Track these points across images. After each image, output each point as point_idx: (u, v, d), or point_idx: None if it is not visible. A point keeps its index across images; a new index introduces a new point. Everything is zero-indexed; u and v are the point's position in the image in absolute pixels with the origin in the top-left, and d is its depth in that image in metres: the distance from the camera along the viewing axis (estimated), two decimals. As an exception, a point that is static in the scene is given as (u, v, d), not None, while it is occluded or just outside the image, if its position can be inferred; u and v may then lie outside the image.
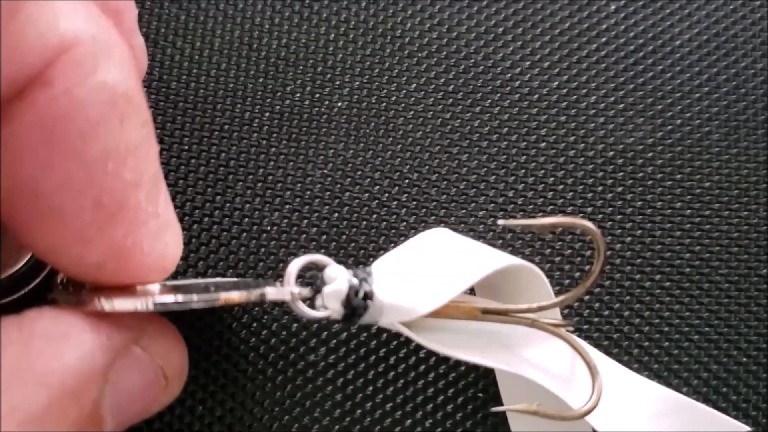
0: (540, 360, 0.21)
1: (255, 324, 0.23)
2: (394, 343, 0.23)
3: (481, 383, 0.23)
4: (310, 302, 0.20)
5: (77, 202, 0.15)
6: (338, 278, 0.19)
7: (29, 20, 0.14)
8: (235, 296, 0.18)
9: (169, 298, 0.17)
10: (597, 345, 0.24)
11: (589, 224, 0.20)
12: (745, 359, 0.24)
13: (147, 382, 0.17)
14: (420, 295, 0.19)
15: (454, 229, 0.22)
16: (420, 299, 0.19)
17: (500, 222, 0.20)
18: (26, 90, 0.15)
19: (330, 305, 0.19)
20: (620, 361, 0.23)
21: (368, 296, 0.19)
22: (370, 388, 0.23)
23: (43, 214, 0.16)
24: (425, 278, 0.20)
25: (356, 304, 0.19)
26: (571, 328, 0.21)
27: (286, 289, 0.19)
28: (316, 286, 0.19)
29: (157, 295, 0.17)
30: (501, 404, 0.23)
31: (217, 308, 0.23)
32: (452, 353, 0.20)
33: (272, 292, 0.19)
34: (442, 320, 0.20)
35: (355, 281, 0.19)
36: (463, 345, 0.20)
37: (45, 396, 0.14)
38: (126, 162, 0.16)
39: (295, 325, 0.23)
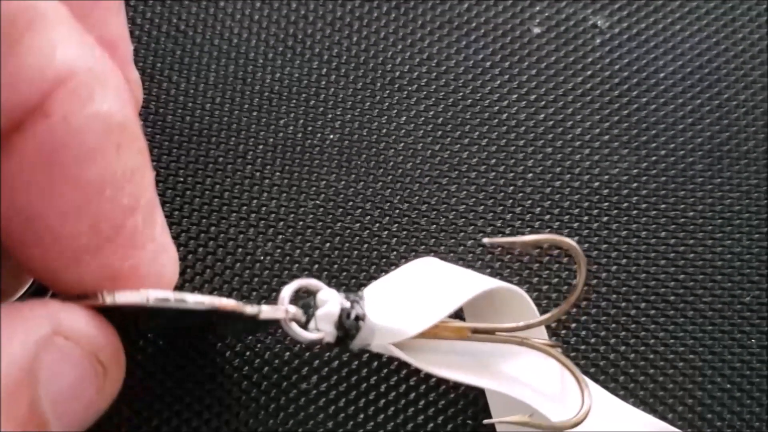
0: (529, 379, 0.22)
1: (248, 352, 0.24)
2: (385, 371, 0.24)
3: (471, 410, 0.24)
4: (304, 327, 0.20)
5: (74, 227, 0.16)
6: (330, 301, 0.20)
7: (27, 53, 0.15)
8: (230, 304, 0.18)
9: (168, 295, 0.17)
10: (583, 372, 0.24)
11: (570, 240, 0.21)
12: (729, 386, 0.24)
13: (82, 372, 0.16)
14: (411, 317, 0.20)
15: (444, 258, 0.23)
16: (411, 320, 0.20)
17: (485, 240, 0.21)
18: (25, 122, 0.15)
19: (323, 327, 0.20)
20: (606, 388, 0.24)
21: (360, 318, 0.19)
22: (362, 416, 0.23)
23: (41, 237, 0.16)
24: (415, 301, 0.20)
25: (348, 325, 0.19)
26: (559, 349, 0.22)
27: (280, 308, 0.19)
28: (308, 312, 0.20)
29: (155, 291, 0.17)
30: (493, 426, 0.23)
31: (211, 327, 0.22)
32: (443, 373, 0.20)
33: (267, 311, 0.19)
34: (434, 341, 0.21)
35: (347, 303, 0.20)
36: (454, 365, 0.21)
37: None
38: (123, 187, 0.16)
39: (288, 353, 0.24)
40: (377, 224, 0.25)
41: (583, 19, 0.28)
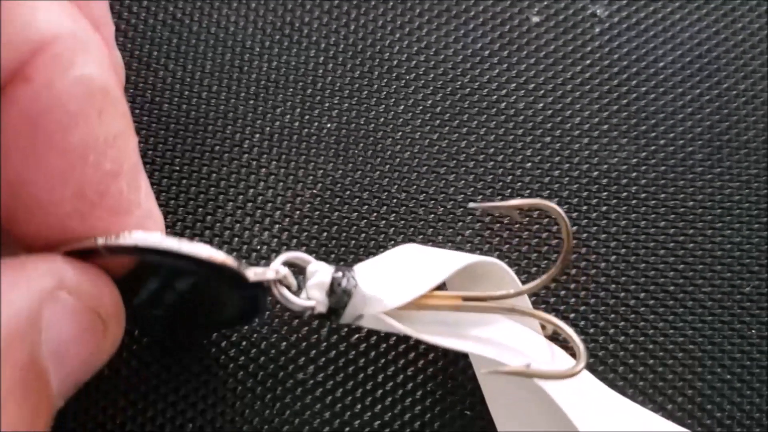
0: (519, 346, 0.22)
1: (244, 342, 0.24)
2: (383, 361, 0.24)
3: (468, 401, 0.23)
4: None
5: (59, 193, 0.16)
6: (321, 270, 0.20)
7: (8, 17, 0.15)
8: (219, 255, 0.18)
9: (162, 238, 0.17)
10: (582, 363, 0.24)
11: (552, 204, 0.21)
12: (729, 376, 0.24)
13: (83, 327, 0.17)
14: (401, 286, 0.20)
15: (441, 248, 0.23)
16: (401, 289, 0.20)
17: (471, 205, 0.23)
18: (7, 87, 0.15)
19: (314, 296, 0.20)
20: (605, 378, 0.24)
21: (351, 287, 0.19)
22: (359, 407, 0.23)
23: (26, 205, 0.16)
24: (404, 274, 0.20)
25: (340, 292, 0.19)
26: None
27: (270, 269, 0.19)
28: (299, 282, 0.20)
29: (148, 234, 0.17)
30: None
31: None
32: (437, 340, 0.20)
33: (258, 271, 0.19)
34: (425, 313, 0.21)
35: (339, 273, 0.20)
36: (446, 334, 0.21)
37: None
38: (106, 153, 0.16)
39: (284, 343, 0.24)
40: (375, 213, 0.25)
41: (582, 7, 0.27)
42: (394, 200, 0.25)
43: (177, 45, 0.26)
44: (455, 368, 0.24)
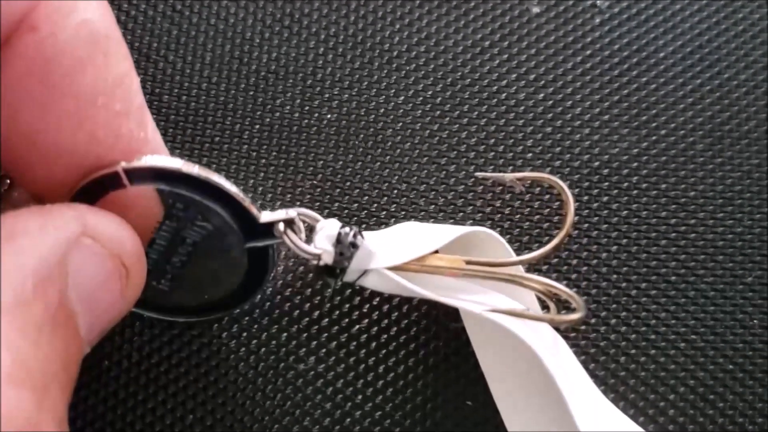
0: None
1: (245, 334, 0.24)
2: (383, 351, 0.24)
3: (470, 391, 0.23)
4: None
5: (74, 137, 0.17)
6: (329, 224, 0.21)
7: None
8: (232, 187, 0.19)
9: (181, 162, 0.18)
10: (584, 352, 0.24)
11: (556, 178, 0.23)
12: (731, 366, 0.24)
13: (107, 272, 0.17)
14: (403, 246, 0.21)
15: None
16: (404, 248, 0.21)
17: (478, 174, 0.25)
18: (13, 37, 0.16)
19: (321, 244, 0.20)
20: (607, 369, 0.24)
21: (356, 242, 0.20)
22: (360, 397, 0.23)
23: (43, 153, 0.17)
24: (406, 238, 0.22)
25: (346, 243, 0.20)
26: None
27: (280, 211, 0.20)
28: (309, 235, 0.21)
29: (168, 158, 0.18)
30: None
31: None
32: (439, 298, 0.21)
33: (268, 214, 0.20)
34: (427, 276, 0.21)
35: (346, 229, 0.20)
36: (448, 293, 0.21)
37: (11, 292, 0.14)
38: (114, 94, 0.17)
39: (284, 335, 0.24)
40: (375, 204, 0.25)
41: (583, -2, 0.27)
42: (395, 191, 0.25)
43: (177, 36, 0.26)
44: (457, 357, 0.24)
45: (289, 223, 0.20)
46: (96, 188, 0.18)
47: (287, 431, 0.23)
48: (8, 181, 0.20)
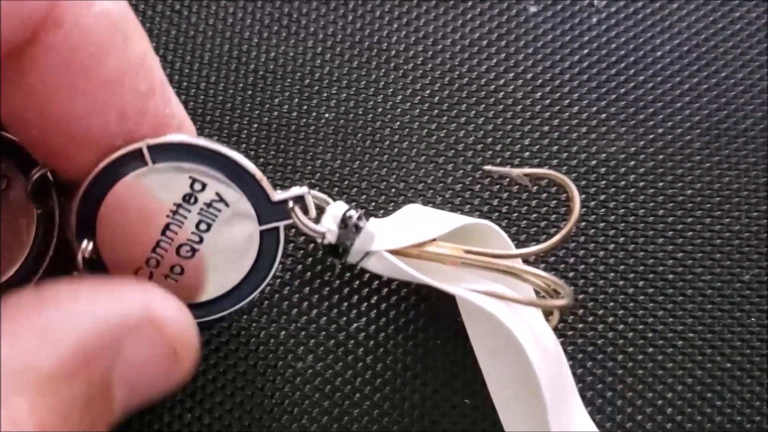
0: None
1: (243, 332, 0.24)
2: (381, 350, 0.24)
3: (467, 390, 0.23)
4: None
5: (104, 119, 0.18)
6: (337, 206, 0.21)
7: None
8: (245, 161, 0.19)
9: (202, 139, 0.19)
10: (581, 351, 0.24)
11: (562, 175, 0.24)
12: (729, 365, 0.24)
13: (158, 359, 0.17)
14: (406, 231, 0.22)
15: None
16: (406, 233, 0.22)
17: (485, 168, 0.25)
18: (39, 33, 0.16)
19: (326, 224, 0.21)
20: (604, 368, 0.24)
21: (360, 225, 0.21)
22: (357, 395, 0.23)
23: (75, 137, 0.18)
24: (409, 224, 0.22)
25: (350, 225, 0.21)
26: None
27: (293, 190, 0.20)
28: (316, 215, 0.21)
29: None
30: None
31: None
32: (436, 283, 0.21)
33: (281, 193, 0.20)
34: (427, 264, 0.22)
35: (352, 211, 0.21)
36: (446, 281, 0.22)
37: (55, 358, 0.14)
38: (138, 74, 0.18)
39: (283, 333, 0.24)
40: (373, 203, 0.25)
41: (580, -3, 0.27)
42: (393, 189, 0.25)
43: (175, 36, 0.26)
44: (455, 356, 0.24)
45: (299, 201, 0.21)
46: (117, 168, 0.19)
47: (285, 430, 0.23)
48: (6, 180, 0.20)
